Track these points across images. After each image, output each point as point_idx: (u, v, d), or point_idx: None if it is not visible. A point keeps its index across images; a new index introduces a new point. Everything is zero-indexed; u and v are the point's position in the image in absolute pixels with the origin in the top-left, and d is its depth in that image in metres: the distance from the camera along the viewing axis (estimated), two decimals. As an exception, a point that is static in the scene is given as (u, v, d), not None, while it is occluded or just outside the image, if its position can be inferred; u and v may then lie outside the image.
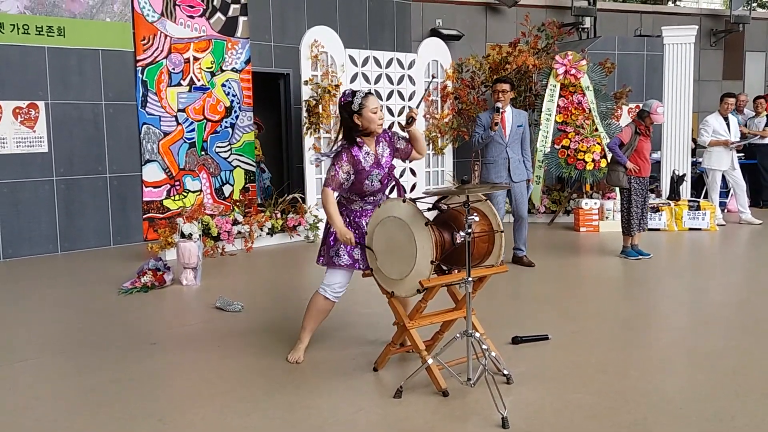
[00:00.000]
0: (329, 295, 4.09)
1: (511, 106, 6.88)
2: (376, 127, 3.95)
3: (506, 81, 6.83)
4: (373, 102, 3.93)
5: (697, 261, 7.44)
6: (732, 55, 14.13)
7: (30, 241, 7.69)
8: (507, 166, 6.73)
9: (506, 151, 6.72)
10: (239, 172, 9.14)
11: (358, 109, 3.90)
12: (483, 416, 3.33)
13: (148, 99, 8.30)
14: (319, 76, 8.44)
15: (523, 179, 6.83)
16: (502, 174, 6.72)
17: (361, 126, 3.94)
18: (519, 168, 6.78)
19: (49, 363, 4.30)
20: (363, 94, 3.94)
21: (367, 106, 3.90)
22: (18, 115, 7.56)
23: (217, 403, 3.58)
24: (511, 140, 6.73)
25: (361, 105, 3.90)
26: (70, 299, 5.89)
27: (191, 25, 8.56)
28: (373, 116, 3.92)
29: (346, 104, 3.93)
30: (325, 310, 4.15)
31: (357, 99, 3.91)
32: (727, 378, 3.82)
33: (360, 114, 3.91)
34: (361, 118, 3.92)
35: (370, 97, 3.94)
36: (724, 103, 9.34)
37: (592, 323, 4.92)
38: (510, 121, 6.74)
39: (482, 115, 6.84)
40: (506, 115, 6.75)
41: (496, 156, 6.74)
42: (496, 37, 11.77)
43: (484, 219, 3.73)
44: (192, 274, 6.27)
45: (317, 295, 4.13)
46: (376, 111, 3.92)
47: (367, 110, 3.90)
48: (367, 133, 3.97)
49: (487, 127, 6.66)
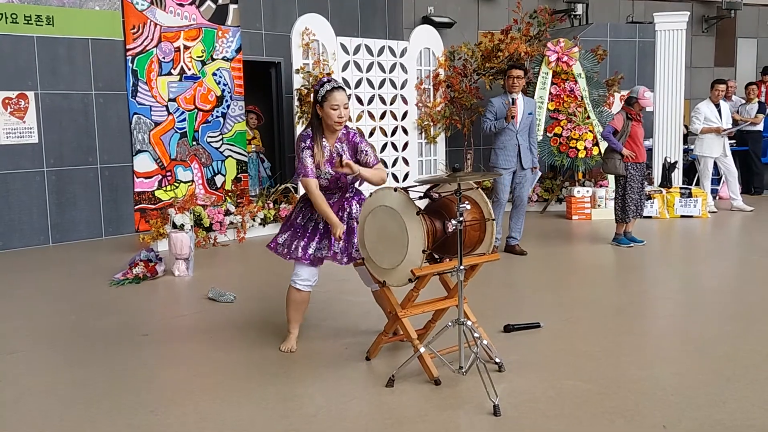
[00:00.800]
0: (298, 285, 4.08)
1: (521, 94, 6.90)
2: (332, 123, 3.90)
3: (520, 67, 6.88)
4: (336, 98, 3.84)
5: (689, 248, 7.46)
6: (724, 42, 14.13)
7: (21, 233, 7.65)
8: (517, 153, 6.77)
9: (516, 138, 6.74)
10: (231, 162, 9.10)
11: (320, 99, 3.87)
12: (475, 404, 3.34)
13: (139, 88, 8.24)
14: (311, 65, 8.40)
15: (530, 166, 6.88)
16: (511, 160, 6.75)
17: (321, 116, 3.91)
18: (527, 155, 6.82)
19: (41, 355, 4.28)
20: (330, 87, 3.86)
21: (328, 100, 3.85)
22: (8, 106, 7.49)
23: (209, 394, 3.58)
24: (522, 127, 6.77)
25: (323, 97, 3.86)
26: (62, 291, 5.87)
27: (181, 14, 8.50)
28: (332, 112, 3.86)
29: (315, 92, 3.91)
30: (300, 300, 4.14)
31: (323, 90, 3.86)
32: (718, 364, 3.83)
33: (321, 106, 3.88)
34: (322, 110, 3.89)
35: (335, 92, 3.85)
36: (714, 89, 9.34)
37: (584, 311, 4.94)
38: (521, 109, 6.77)
39: (495, 101, 6.82)
40: (518, 102, 6.77)
41: (506, 142, 6.76)
42: (488, 25, 11.75)
43: (476, 207, 3.73)
44: (184, 265, 6.25)
45: (290, 286, 4.13)
46: (336, 108, 3.85)
47: (327, 104, 3.86)
48: (329, 126, 3.93)
49: (499, 114, 6.69)
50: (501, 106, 6.74)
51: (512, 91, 6.75)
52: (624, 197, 7.05)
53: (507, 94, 6.80)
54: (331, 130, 3.96)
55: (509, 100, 6.67)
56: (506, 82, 6.85)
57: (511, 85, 6.72)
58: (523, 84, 6.85)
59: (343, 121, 3.92)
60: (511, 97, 6.68)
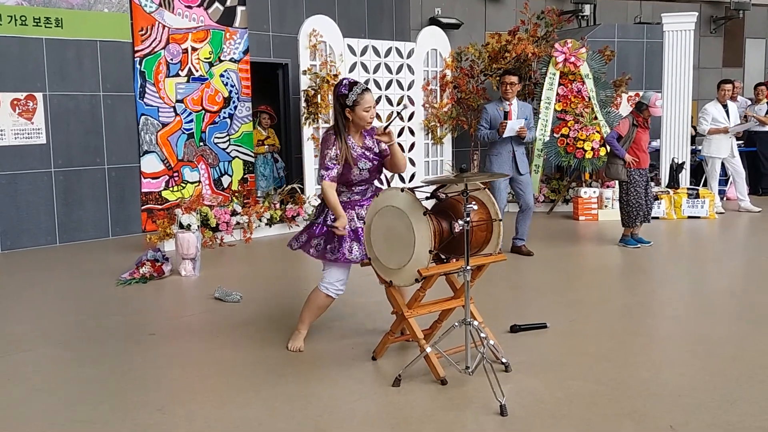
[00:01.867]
0: (331, 292, 4.05)
1: (516, 99, 6.86)
2: (365, 125, 3.93)
3: (514, 73, 6.83)
4: (368, 100, 3.86)
5: (697, 249, 7.43)
6: (732, 42, 14.08)
7: (29, 233, 7.69)
8: (512, 158, 6.72)
9: (511, 144, 6.71)
10: (238, 163, 9.12)
11: (352, 104, 3.86)
12: (481, 404, 3.33)
13: (147, 90, 8.27)
14: (318, 66, 8.41)
15: (527, 171, 6.85)
16: (506, 166, 6.70)
17: (351, 120, 3.91)
18: (524, 160, 6.80)
19: (49, 354, 4.30)
20: (359, 90, 3.86)
21: (361, 104, 3.85)
22: (16, 107, 7.53)
23: (216, 393, 3.59)
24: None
25: (355, 102, 3.85)
26: (69, 290, 5.90)
27: (189, 15, 8.52)
28: (365, 114, 3.88)
29: (341, 96, 3.88)
30: (324, 306, 4.14)
31: (353, 94, 3.85)
32: (726, 365, 3.82)
33: (352, 110, 3.87)
34: (353, 114, 3.88)
35: (366, 94, 3.86)
36: (721, 90, 9.31)
37: (591, 311, 4.93)
38: (516, 114, 6.74)
39: (489, 107, 6.81)
40: (512, 107, 6.74)
41: (501, 149, 6.73)
42: (496, 26, 11.73)
43: (483, 208, 3.73)
44: (191, 264, 6.27)
45: (318, 291, 4.08)
46: (368, 110, 3.87)
47: (360, 108, 3.86)
48: (358, 127, 3.95)
49: (494, 122, 6.66)
50: (495, 112, 6.71)
51: (506, 96, 6.73)
52: (628, 202, 7.00)
53: (502, 100, 6.79)
54: (358, 130, 3.97)
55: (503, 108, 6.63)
56: (500, 88, 6.84)
57: (505, 91, 6.70)
58: (517, 89, 6.81)
59: (374, 119, 3.97)
60: (505, 104, 6.64)
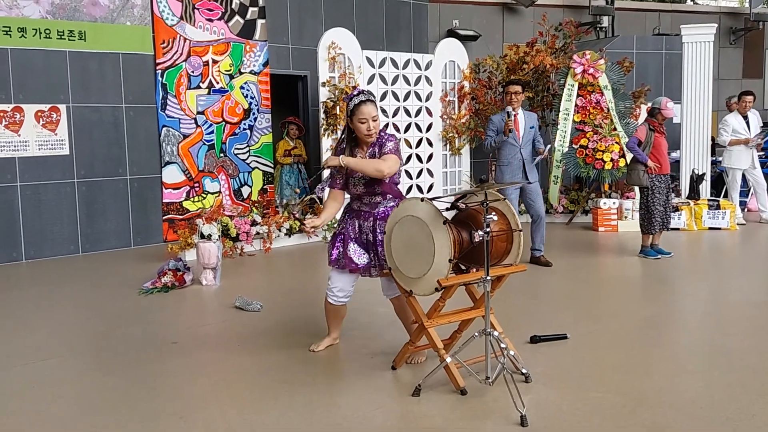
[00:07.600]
0: (330, 298, 4.17)
1: (522, 108, 6.91)
2: (362, 136, 3.92)
3: (518, 83, 6.88)
4: (363, 111, 3.84)
5: (717, 260, 7.37)
6: (752, 53, 13.99)
7: (52, 243, 7.79)
8: (522, 167, 6.76)
9: (520, 153, 6.75)
10: (257, 174, 9.19)
11: (350, 114, 3.90)
12: (502, 415, 3.33)
13: (168, 102, 8.38)
14: (337, 78, 8.48)
15: (536, 180, 6.86)
16: (516, 175, 6.75)
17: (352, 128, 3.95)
18: (532, 169, 6.83)
19: (71, 362, 4.35)
20: (357, 101, 3.85)
21: (357, 115, 3.86)
22: (40, 119, 7.66)
23: (236, 401, 3.61)
24: (525, 142, 6.77)
25: (352, 112, 3.88)
26: (91, 300, 5.96)
27: (210, 29, 8.63)
28: (360, 125, 3.87)
29: (346, 106, 3.95)
30: (333, 311, 4.22)
31: (351, 103, 3.88)
32: (747, 377, 3.79)
33: (351, 119, 3.91)
34: (352, 123, 3.91)
35: (363, 106, 3.84)
36: (742, 101, 9.27)
37: (611, 322, 4.90)
38: (522, 123, 6.79)
39: (494, 117, 6.88)
40: (518, 117, 6.78)
41: (511, 158, 6.78)
42: (514, 37, 11.76)
43: (503, 218, 3.74)
44: (211, 274, 6.32)
45: (325, 297, 4.23)
46: (364, 121, 3.85)
47: (356, 118, 3.87)
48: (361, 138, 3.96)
49: (500, 130, 6.70)
50: (500, 122, 6.75)
51: (511, 106, 6.76)
52: (648, 208, 7.00)
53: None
54: (364, 140, 3.99)
55: (507, 113, 6.63)
56: (504, 98, 6.88)
57: (509, 101, 6.75)
58: (522, 99, 6.85)
59: (372, 133, 3.91)
60: (507, 109, 6.65)
